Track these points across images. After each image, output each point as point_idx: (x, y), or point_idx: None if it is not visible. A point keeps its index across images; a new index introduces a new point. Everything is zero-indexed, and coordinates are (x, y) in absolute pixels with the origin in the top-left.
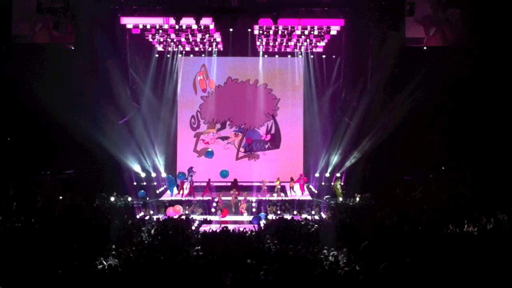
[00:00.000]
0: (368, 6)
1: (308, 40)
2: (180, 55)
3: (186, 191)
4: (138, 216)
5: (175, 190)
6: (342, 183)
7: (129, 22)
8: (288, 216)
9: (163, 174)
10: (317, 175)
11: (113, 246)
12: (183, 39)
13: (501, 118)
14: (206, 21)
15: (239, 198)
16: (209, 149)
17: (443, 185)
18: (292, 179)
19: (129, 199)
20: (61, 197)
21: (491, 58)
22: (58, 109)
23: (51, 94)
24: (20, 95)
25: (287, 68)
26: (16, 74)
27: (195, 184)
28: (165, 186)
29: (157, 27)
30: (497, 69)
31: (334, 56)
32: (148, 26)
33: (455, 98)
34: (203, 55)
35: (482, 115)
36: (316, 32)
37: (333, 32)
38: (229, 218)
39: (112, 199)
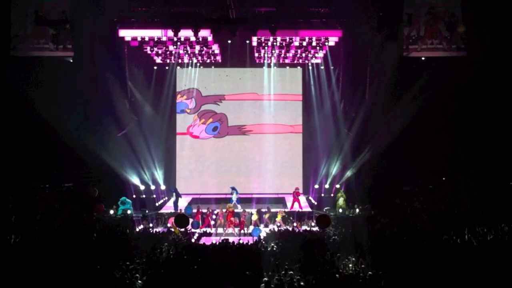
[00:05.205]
0: (366, 16)
1: (306, 51)
2: (178, 67)
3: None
4: (137, 229)
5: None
6: (345, 196)
7: (127, 34)
8: (288, 228)
9: (162, 187)
10: (316, 186)
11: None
12: (181, 51)
13: (501, 126)
14: (204, 33)
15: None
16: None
17: (443, 195)
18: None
19: (129, 212)
20: (60, 210)
21: (490, 66)
22: (56, 121)
23: (50, 106)
24: (18, 107)
25: (286, 79)
26: (15, 86)
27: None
28: (165, 199)
29: (156, 39)
30: (497, 77)
31: (332, 67)
32: (147, 38)
33: (454, 107)
34: (201, 67)
35: (481, 124)
36: (314, 43)
37: (331, 43)
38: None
39: (111, 211)
